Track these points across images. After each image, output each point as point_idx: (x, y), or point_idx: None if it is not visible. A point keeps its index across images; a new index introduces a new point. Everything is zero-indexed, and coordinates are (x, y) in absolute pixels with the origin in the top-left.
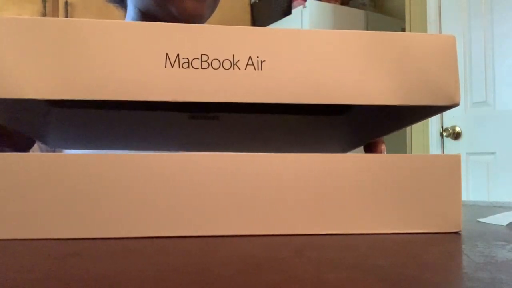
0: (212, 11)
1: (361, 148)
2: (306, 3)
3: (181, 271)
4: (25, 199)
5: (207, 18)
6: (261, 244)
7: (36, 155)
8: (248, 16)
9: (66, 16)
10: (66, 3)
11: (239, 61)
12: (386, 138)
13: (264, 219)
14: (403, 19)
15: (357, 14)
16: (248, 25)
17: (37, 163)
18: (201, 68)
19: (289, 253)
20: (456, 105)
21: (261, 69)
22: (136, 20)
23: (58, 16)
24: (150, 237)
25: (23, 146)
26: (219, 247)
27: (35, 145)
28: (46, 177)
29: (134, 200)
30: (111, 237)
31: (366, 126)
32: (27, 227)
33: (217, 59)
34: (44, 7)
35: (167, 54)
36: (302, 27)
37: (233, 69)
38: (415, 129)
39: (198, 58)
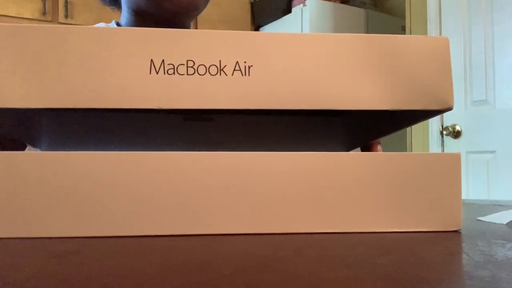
0: (207, 2)
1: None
2: (306, 2)
3: (181, 270)
4: (24, 197)
5: (202, 10)
6: (261, 243)
7: (35, 154)
8: (248, 15)
9: (66, 15)
10: (66, 1)
11: (225, 67)
12: (386, 136)
13: (264, 218)
14: (403, 17)
15: (357, 12)
16: (248, 24)
17: (35, 162)
18: (187, 74)
19: (288, 251)
20: (449, 109)
21: (249, 75)
22: (131, 19)
23: (58, 15)
24: (150, 235)
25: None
26: (219, 246)
27: (27, 149)
28: (45, 176)
29: (134, 198)
30: (110, 235)
31: (363, 128)
32: (26, 226)
33: (203, 65)
34: (44, 5)
35: (151, 60)
36: (302, 26)
37: (220, 74)
38: (415, 127)
39: (183, 64)
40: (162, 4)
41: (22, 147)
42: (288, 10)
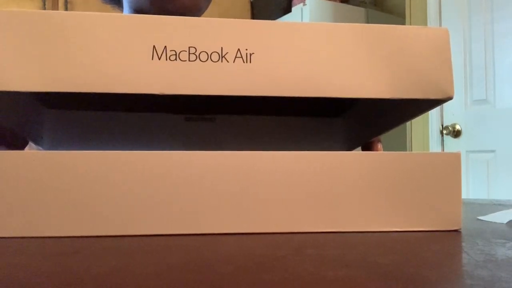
0: (209, 2)
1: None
2: (306, 1)
3: (181, 269)
4: (24, 197)
5: (204, 11)
6: (261, 242)
7: (33, 153)
8: (248, 14)
9: None
10: (66, 0)
11: (227, 54)
12: (386, 136)
13: (264, 217)
14: (403, 16)
15: (358, 12)
16: None
17: (35, 161)
18: (189, 60)
19: (289, 251)
20: (449, 98)
21: (250, 62)
22: None
23: None
24: (149, 235)
25: (16, 147)
26: (219, 245)
27: (28, 146)
28: (45, 175)
29: (134, 198)
30: (110, 235)
31: (362, 126)
32: (26, 226)
33: (205, 52)
34: (44, 4)
35: (154, 46)
36: None
37: (221, 61)
38: (415, 127)
39: (185, 51)
40: (164, 6)
41: (23, 143)
42: (288, 10)
